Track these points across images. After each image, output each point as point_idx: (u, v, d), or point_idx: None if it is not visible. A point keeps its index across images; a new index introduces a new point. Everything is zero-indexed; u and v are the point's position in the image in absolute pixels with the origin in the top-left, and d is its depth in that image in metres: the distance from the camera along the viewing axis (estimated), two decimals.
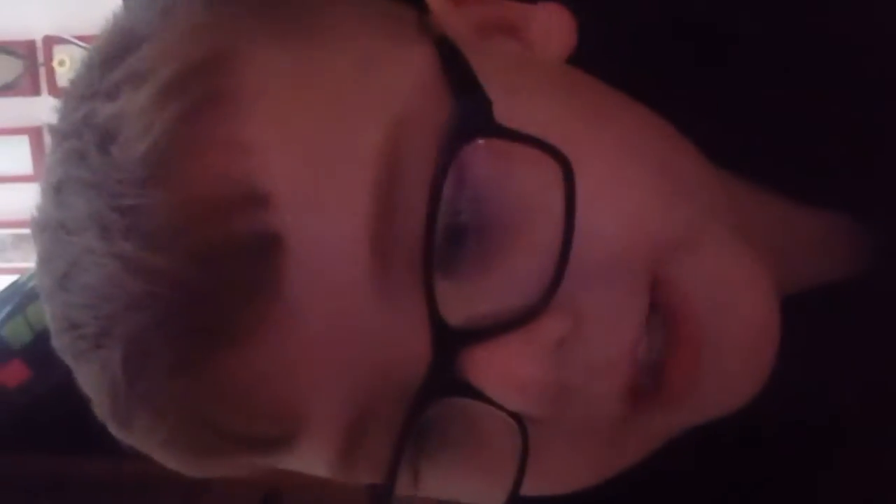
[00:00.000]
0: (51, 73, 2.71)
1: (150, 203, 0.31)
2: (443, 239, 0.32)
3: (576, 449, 0.35)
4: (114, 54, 0.35)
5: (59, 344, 0.36)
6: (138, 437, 0.36)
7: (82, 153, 0.33)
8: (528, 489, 0.35)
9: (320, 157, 0.32)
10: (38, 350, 0.57)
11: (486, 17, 0.39)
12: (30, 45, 2.72)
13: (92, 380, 0.35)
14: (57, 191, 0.35)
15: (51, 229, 0.35)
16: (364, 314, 0.32)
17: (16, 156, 2.77)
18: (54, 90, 2.72)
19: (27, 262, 2.78)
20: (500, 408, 0.33)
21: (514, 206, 0.33)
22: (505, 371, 0.32)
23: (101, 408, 0.35)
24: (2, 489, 0.58)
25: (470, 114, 0.32)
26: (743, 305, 0.35)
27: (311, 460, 0.35)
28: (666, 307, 0.34)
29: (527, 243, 0.33)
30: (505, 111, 0.32)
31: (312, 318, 0.32)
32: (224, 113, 0.32)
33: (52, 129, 0.37)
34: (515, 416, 0.33)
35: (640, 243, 0.34)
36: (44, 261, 0.36)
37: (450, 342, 0.32)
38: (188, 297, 0.31)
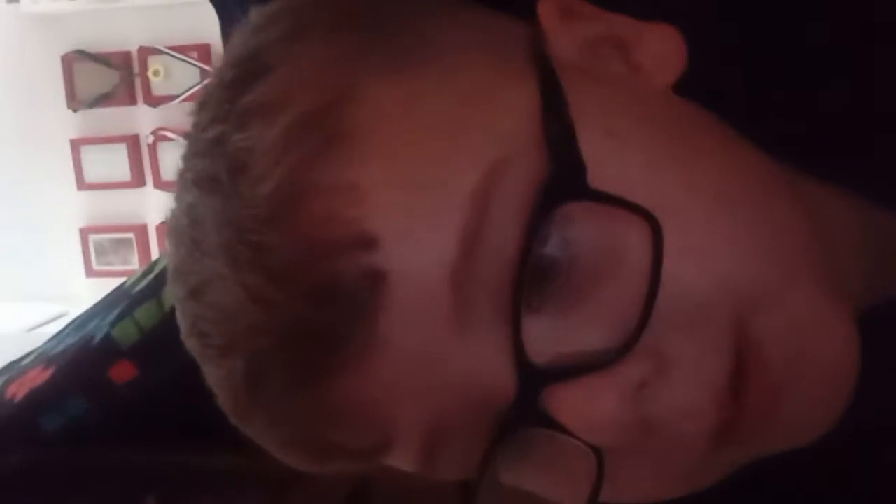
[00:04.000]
0: (146, 82, 2.78)
1: (272, 242, 0.34)
2: (529, 278, 0.33)
3: (651, 474, 0.37)
4: (243, 77, 0.37)
5: (189, 344, 0.39)
6: (256, 434, 0.40)
7: (215, 179, 0.36)
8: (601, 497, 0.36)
9: (421, 199, 0.34)
10: (145, 350, 0.60)
11: (597, 32, 0.39)
12: (125, 56, 2.79)
13: (217, 381, 0.39)
14: (191, 208, 0.38)
15: (185, 246, 0.38)
16: (445, 346, 0.34)
17: (114, 163, 2.84)
18: (150, 99, 2.79)
19: (126, 265, 2.86)
20: (581, 440, 0.35)
21: (602, 254, 0.34)
22: (587, 411, 0.34)
23: (224, 404, 0.39)
24: (109, 479, 0.62)
25: (564, 177, 0.33)
26: (823, 350, 0.35)
27: (400, 464, 0.39)
28: (746, 353, 0.35)
29: (613, 288, 0.34)
30: (599, 164, 0.34)
31: (401, 348, 0.34)
32: (341, 157, 0.34)
33: (187, 136, 0.40)
34: (594, 448, 0.35)
35: (725, 300, 0.34)
36: (179, 271, 0.39)
37: (533, 379, 0.34)
38: (301, 328, 0.34)
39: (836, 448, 0.37)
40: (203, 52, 2.70)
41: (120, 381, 0.60)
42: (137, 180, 2.85)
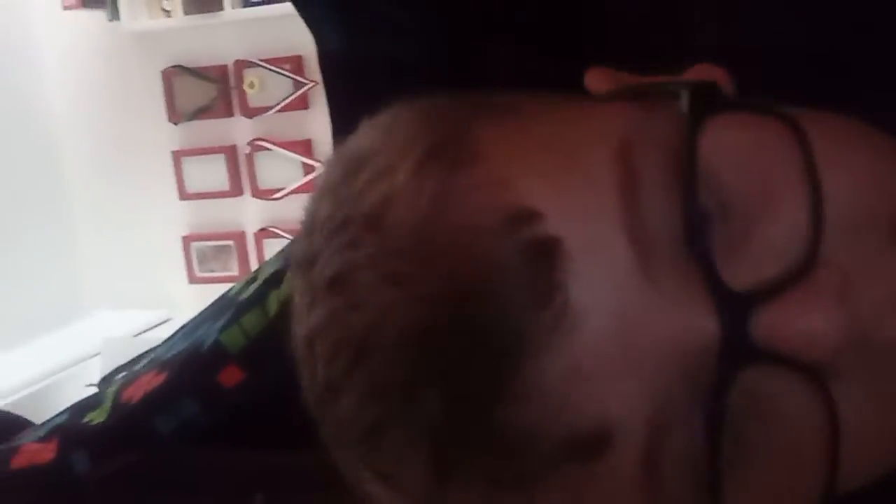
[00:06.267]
0: (242, 94, 2.83)
1: (430, 252, 0.34)
2: (700, 218, 0.33)
3: (881, 403, 0.35)
4: (351, 168, 0.39)
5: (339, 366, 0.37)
6: (461, 490, 0.35)
7: (354, 243, 0.36)
8: (847, 473, 0.35)
9: (566, 177, 0.35)
10: (251, 355, 0.63)
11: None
12: (222, 70, 2.84)
13: (408, 437, 0.35)
14: (333, 282, 0.37)
15: (337, 323, 0.37)
16: (641, 302, 0.33)
17: (213, 173, 2.90)
18: (246, 111, 2.84)
19: (226, 270, 2.92)
20: (800, 368, 0.33)
21: (759, 176, 0.35)
22: (801, 322, 0.33)
23: (417, 461, 0.36)
24: (219, 477, 0.64)
25: (698, 94, 0.35)
26: None
27: (622, 472, 0.34)
28: None
29: (779, 210, 0.34)
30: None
31: (597, 316, 0.33)
32: (474, 167, 0.35)
33: (302, 232, 0.40)
34: (815, 378, 0.34)
35: (880, 197, 0.35)
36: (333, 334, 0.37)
37: (738, 310, 0.33)
38: (499, 304, 0.33)
39: None
40: (295, 63, 2.74)
41: (228, 385, 0.62)
42: (236, 189, 2.90)
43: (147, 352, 0.71)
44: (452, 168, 0.36)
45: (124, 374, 0.68)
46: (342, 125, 0.41)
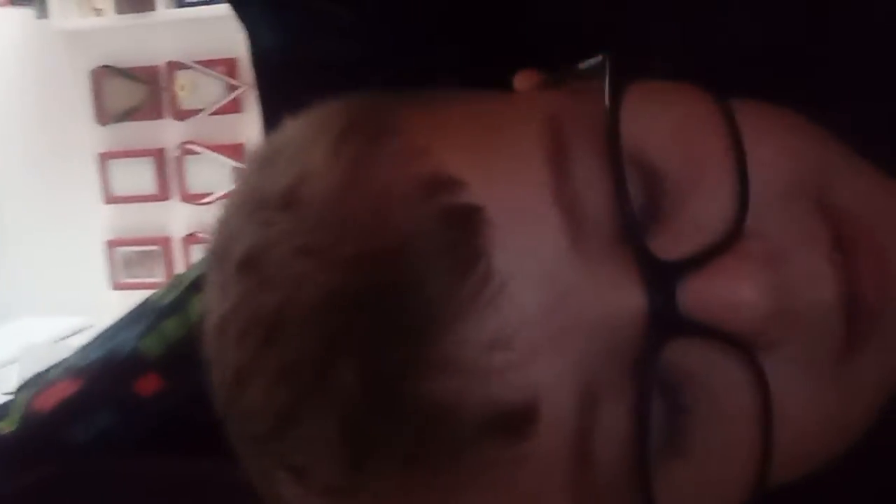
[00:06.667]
0: (173, 97, 2.80)
1: (356, 209, 0.33)
2: (629, 191, 0.33)
3: (808, 378, 0.34)
4: (267, 158, 0.38)
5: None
6: (378, 469, 0.34)
7: (274, 241, 0.34)
8: (782, 459, 0.34)
9: (491, 149, 0.34)
10: (170, 362, 0.61)
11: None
12: (153, 71, 2.81)
13: (316, 434, 0.34)
14: (245, 263, 0.35)
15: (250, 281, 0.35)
16: (569, 272, 0.32)
17: (141, 176, 2.86)
18: (176, 113, 2.80)
19: (151, 277, 2.88)
20: (728, 340, 0.33)
21: (685, 146, 0.35)
22: (726, 290, 0.32)
23: (326, 467, 0.34)
24: (137, 489, 0.62)
25: (619, 66, 0.34)
26: None
27: (550, 454, 0.33)
28: (839, 219, 0.35)
29: (706, 182, 0.34)
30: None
31: (522, 285, 0.32)
32: (393, 139, 0.34)
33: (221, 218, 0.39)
34: (745, 351, 0.33)
35: (805, 170, 0.35)
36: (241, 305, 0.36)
37: (664, 280, 0.32)
38: (417, 272, 0.32)
39: None
40: (229, 66, 2.72)
41: (146, 394, 0.60)
42: (163, 193, 2.87)
43: (63, 360, 0.69)
44: (369, 141, 0.34)
45: (34, 381, 0.65)
46: (274, 126, 0.40)
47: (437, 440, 0.32)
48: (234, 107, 2.73)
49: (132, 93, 2.82)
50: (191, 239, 2.85)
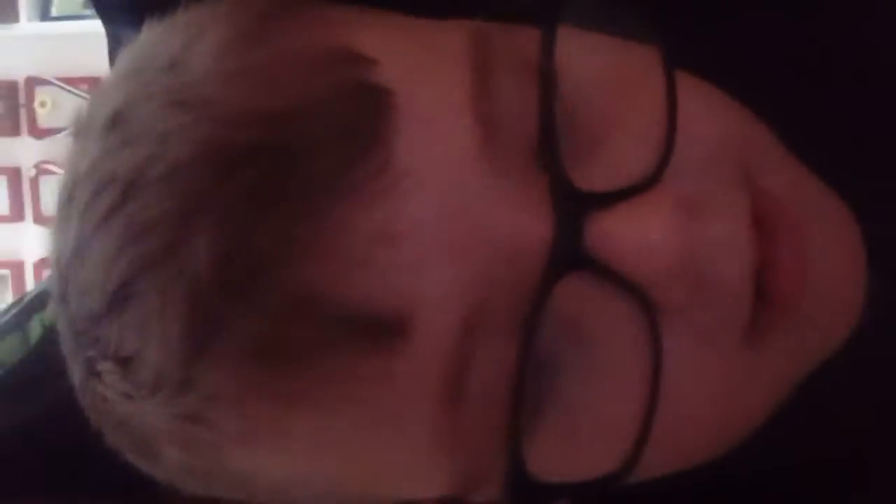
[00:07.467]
0: (31, 114, 2.72)
1: (251, 64, 0.30)
2: (554, 117, 0.31)
3: (706, 353, 0.33)
4: (147, 53, 0.35)
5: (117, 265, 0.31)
6: (220, 360, 0.30)
7: (149, 96, 0.31)
8: (662, 429, 0.32)
9: (412, 41, 0.32)
10: (5, 387, 0.56)
11: None
12: (11, 86, 2.73)
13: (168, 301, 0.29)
14: (110, 121, 0.32)
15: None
16: (475, 183, 0.30)
17: None
18: (35, 131, 2.72)
19: (2, 301, 2.76)
20: (627, 286, 0.31)
21: (617, 84, 0.33)
22: (636, 230, 0.31)
23: (171, 338, 0.30)
24: None
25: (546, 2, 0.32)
26: (829, 215, 0.35)
27: (418, 375, 0.30)
28: (762, 200, 0.33)
29: (634, 121, 0.33)
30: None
31: (422, 182, 0.30)
32: (302, 10, 0.32)
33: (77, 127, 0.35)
34: (642, 302, 0.31)
35: (733, 140, 0.34)
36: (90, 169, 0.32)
37: (573, 213, 0.30)
38: (306, 141, 0.29)
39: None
40: (93, 84, 2.65)
41: None
42: (17, 215, 2.78)
43: None
44: (282, 4, 0.32)
45: None
46: None
47: (293, 336, 0.29)
48: None
49: None
50: (45, 264, 2.74)
